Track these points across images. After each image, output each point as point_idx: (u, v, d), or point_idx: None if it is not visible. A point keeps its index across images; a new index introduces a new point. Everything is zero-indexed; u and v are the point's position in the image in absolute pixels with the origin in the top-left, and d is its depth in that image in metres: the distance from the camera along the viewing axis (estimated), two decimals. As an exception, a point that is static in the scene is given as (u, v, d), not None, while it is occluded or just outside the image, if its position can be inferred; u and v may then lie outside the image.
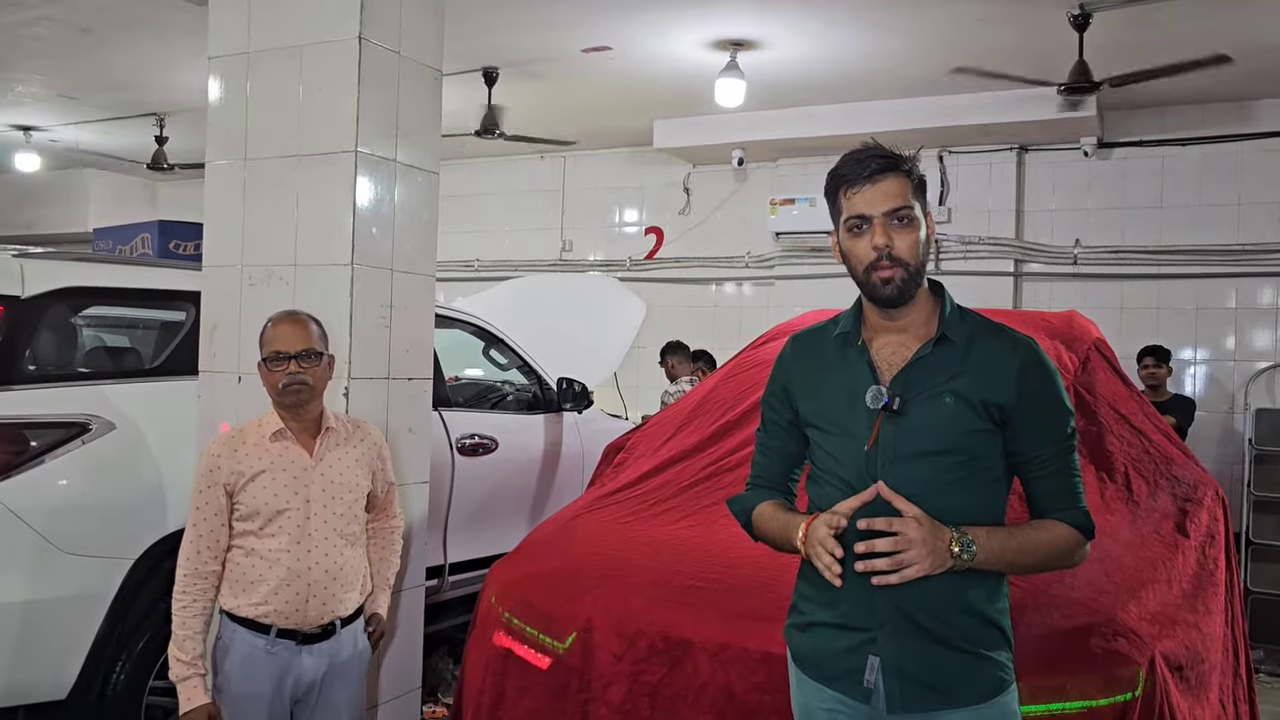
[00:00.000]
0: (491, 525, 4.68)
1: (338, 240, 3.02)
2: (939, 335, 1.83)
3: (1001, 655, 1.82)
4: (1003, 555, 1.76)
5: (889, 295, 1.81)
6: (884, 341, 1.88)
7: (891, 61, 6.31)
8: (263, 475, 2.51)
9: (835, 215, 1.90)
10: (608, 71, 6.67)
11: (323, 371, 2.58)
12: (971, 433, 1.78)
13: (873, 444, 1.80)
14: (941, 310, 1.86)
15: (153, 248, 4.89)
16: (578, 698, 2.54)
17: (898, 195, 1.81)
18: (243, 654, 2.49)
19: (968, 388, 1.79)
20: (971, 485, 1.79)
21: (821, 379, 1.92)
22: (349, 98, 2.99)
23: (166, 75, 7.09)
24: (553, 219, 9.28)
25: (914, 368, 1.82)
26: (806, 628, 1.91)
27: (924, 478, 1.77)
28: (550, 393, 5.09)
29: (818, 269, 7.99)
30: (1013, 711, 1.84)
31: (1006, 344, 1.83)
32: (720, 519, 3.01)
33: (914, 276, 1.81)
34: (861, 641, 1.80)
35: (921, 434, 1.79)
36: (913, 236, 1.81)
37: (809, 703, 1.91)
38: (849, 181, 1.84)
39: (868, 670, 1.80)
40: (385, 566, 2.77)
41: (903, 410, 1.79)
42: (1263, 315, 6.85)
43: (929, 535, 1.70)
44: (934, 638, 1.77)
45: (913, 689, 1.78)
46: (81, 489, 3.22)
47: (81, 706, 3.23)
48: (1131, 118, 7.03)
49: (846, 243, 1.86)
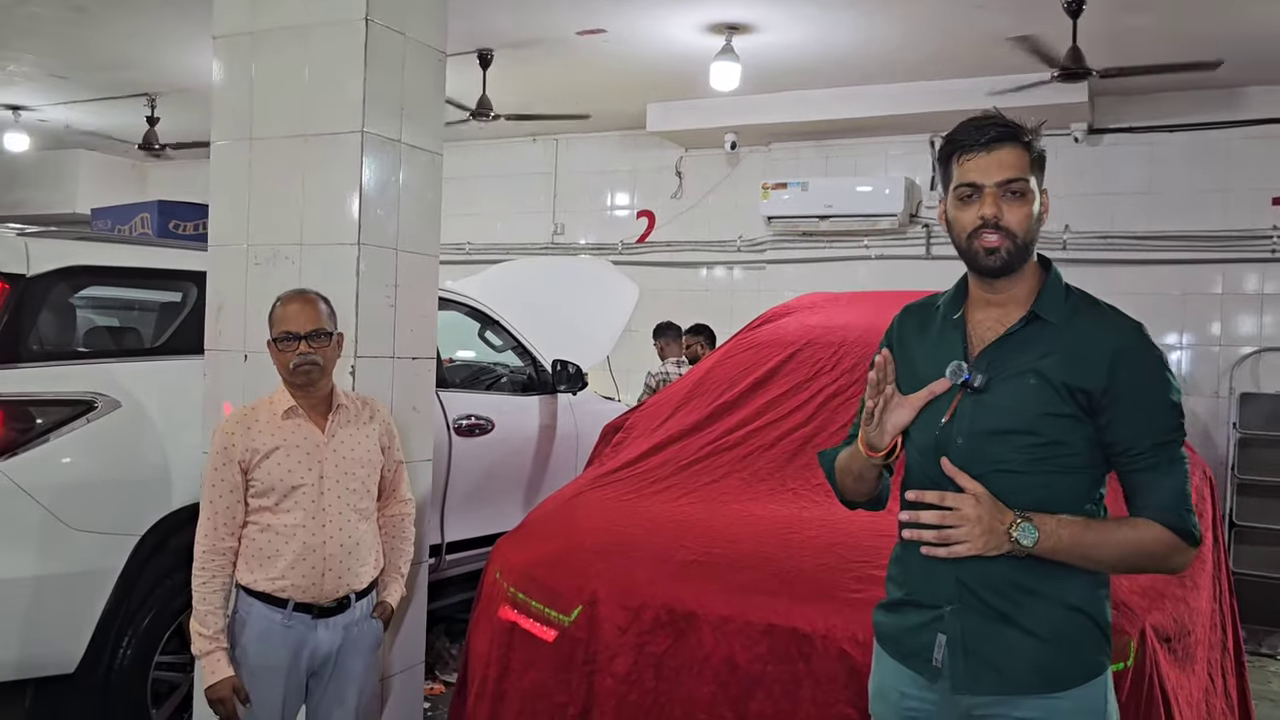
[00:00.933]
0: (488, 505, 4.73)
1: (344, 220, 3.05)
2: (1030, 313, 1.77)
3: (1084, 644, 1.75)
4: (1074, 548, 1.69)
5: (991, 265, 1.75)
6: (983, 316, 1.82)
7: (885, 47, 6.35)
8: (277, 452, 2.55)
9: (945, 182, 1.83)
10: (602, 54, 6.68)
11: (332, 350, 2.61)
12: (1051, 416, 1.72)
13: (949, 418, 1.77)
14: (1042, 288, 1.79)
15: (152, 228, 4.89)
16: (584, 669, 2.60)
17: (1013, 166, 1.74)
18: (260, 627, 2.53)
19: (1053, 369, 1.72)
20: (1049, 471, 1.72)
21: (919, 349, 1.88)
22: (356, 79, 3.02)
23: (158, 55, 7.06)
24: (544, 202, 9.30)
25: (1001, 345, 1.77)
26: (888, 606, 1.91)
27: (997, 457, 1.72)
28: (545, 374, 5.13)
29: (809, 253, 8.04)
30: (1093, 708, 1.75)
31: (1104, 328, 1.75)
32: (720, 496, 3.09)
33: (1021, 250, 1.75)
34: (931, 619, 1.79)
35: (998, 413, 1.74)
36: (1025, 210, 1.75)
37: (883, 683, 1.91)
38: (964, 148, 1.77)
39: (936, 648, 1.77)
40: (399, 556, 2.78)
41: (985, 387, 1.75)
42: (1248, 301, 6.94)
43: (986, 514, 1.66)
44: (999, 617, 1.73)
45: (977, 669, 1.75)
46: (88, 466, 3.25)
47: (89, 680, 3.27)
48: (1122, 104, 7.09)
49: (953, 210, 1.79)
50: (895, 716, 1.86)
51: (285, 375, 2.58)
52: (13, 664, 3.12)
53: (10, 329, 3.22)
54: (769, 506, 2.95)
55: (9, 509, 3.07)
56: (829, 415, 3.40)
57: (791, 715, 2.35)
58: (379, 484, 2.72)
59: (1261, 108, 6.86)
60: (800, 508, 2.92)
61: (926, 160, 7.72)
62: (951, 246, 1.83)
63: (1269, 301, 6.91)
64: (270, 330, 2.59)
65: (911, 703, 1.83)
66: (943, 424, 1.77)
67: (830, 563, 2.54)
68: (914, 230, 7.70)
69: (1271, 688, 5.19)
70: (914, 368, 1.85)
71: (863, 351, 3.64)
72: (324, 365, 2.58)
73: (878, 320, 3.87)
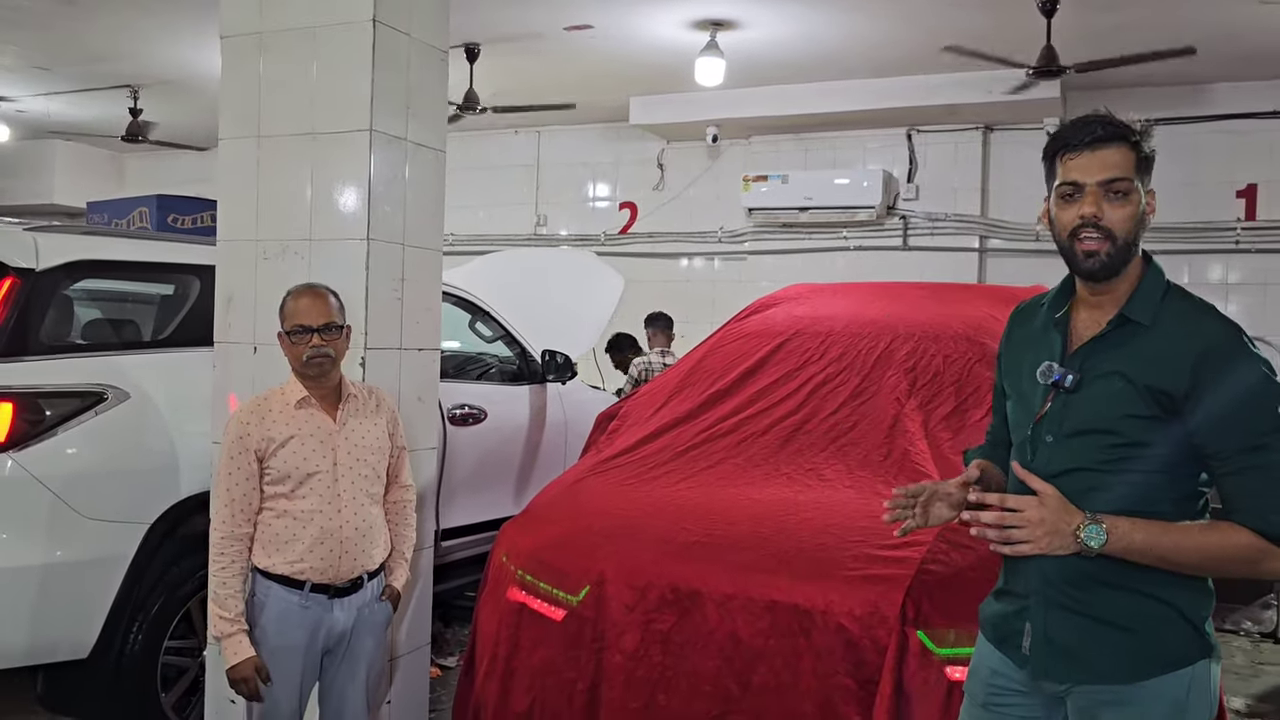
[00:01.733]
0: (481, 493, 4.82)
1: (353, 216, 3.13)
2: (1119, 316, 1.76)
3: (1167, 635, 1.75)
4: (1149, 550, 1.68)
5: (1091, 269, 1.75)
6: (1085, 315, 1.83)
7: (865, 43, 6.48)
8: (292, 441, 2.63)
9: (1049, 180, 1.81)
10: (588, 49, 6.77)
11: (343, 343, 2.71)
12: (1133, 418, 1.72)
13: (1040, 418, 1.81)
14: (1136, 288, 1.78)
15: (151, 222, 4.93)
16: (592, 646, 2.71)
17: (1117, 166, 1.73)
18: (278, 609, 2.62)
19: (1138, 371, 1.72)
20: (1131, 471, 1.73)
21: (1024, 348, 1.91)
22: (364, 78, 3.10)
23: (142, 48, 7.07)
24: (527, 194, 9.37)
25: (1094, 345, 1.79)
26: (994, 594, 1.98)
27: (1082, 455, 1.75)
28: (534, 364, 5.22)
29: (789, 244, 8.18)
30: (1173, 698, 1.74)
31: (1191, 330, 1.72)
32: (717, 481, 3.20)
33: (1121, 252, 1.73)
34: (1020, 608, 1.85)
35: (1085, 413, 1.76)
36: (1128, 210, 1.73)
37: (979, 663, 1.98)
38: (1069, 146, 1.76)
39: (1024, 635, 1.83)
40: (402, 541, 2.87)
41: (1075, 388, 1.76)
42: (1214, 290, 7.15)
43: (1051, 515, 1.68)
44: (1077, 608, 1.77)
45: (1057, 657, 1.79)
46: (98, 456, 3.31)
47: (101, 666, 3.34)
48: (1093, 99, 7.21)
49: (1055, 209, 1.78)
50: (982, 691, 1.95)
51: (298, 367, 2.67)
52: (26, 650, 3.19)
53: (20, 323, 3.27)
54: (765, 490, 3.07)
55: (22, 499, 3.14)
56: (818, 403, 3.52)
57: (793, 687, 2.47)
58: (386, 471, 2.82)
59: (1228, 103, 7.07)
60: (795, 491, 3.04)
61: (904, 153, 7.88)
62: (929, 238, 1.93)
63: (1234, 291, 7.14)
64: (282, 323, 2.67)
65: (1000, 680, 1.91)
66: (1034, 424, 1.82)
67: (828, 543, 2.67)
68: (891, 222, 7.86)
69: (1236, 661, 5.39)
70: (1018, 363, 1.91)
71: (849, 341, 3.77)
72: (335, 357, 2.68)
73: (863, 311, 4.03)
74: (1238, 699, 4.77)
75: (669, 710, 2.59)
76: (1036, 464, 1.83)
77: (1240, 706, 4.68)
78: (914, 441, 3.26)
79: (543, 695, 2.78)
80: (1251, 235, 7.04)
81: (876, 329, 3.80)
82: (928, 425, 3.34)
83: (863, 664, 2.43)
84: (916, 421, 3.37)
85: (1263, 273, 7.06)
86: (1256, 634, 5.85)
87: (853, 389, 3.55)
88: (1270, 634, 5.81)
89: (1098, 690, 1.79)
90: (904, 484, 3.00)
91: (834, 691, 2.44)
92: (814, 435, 3.38)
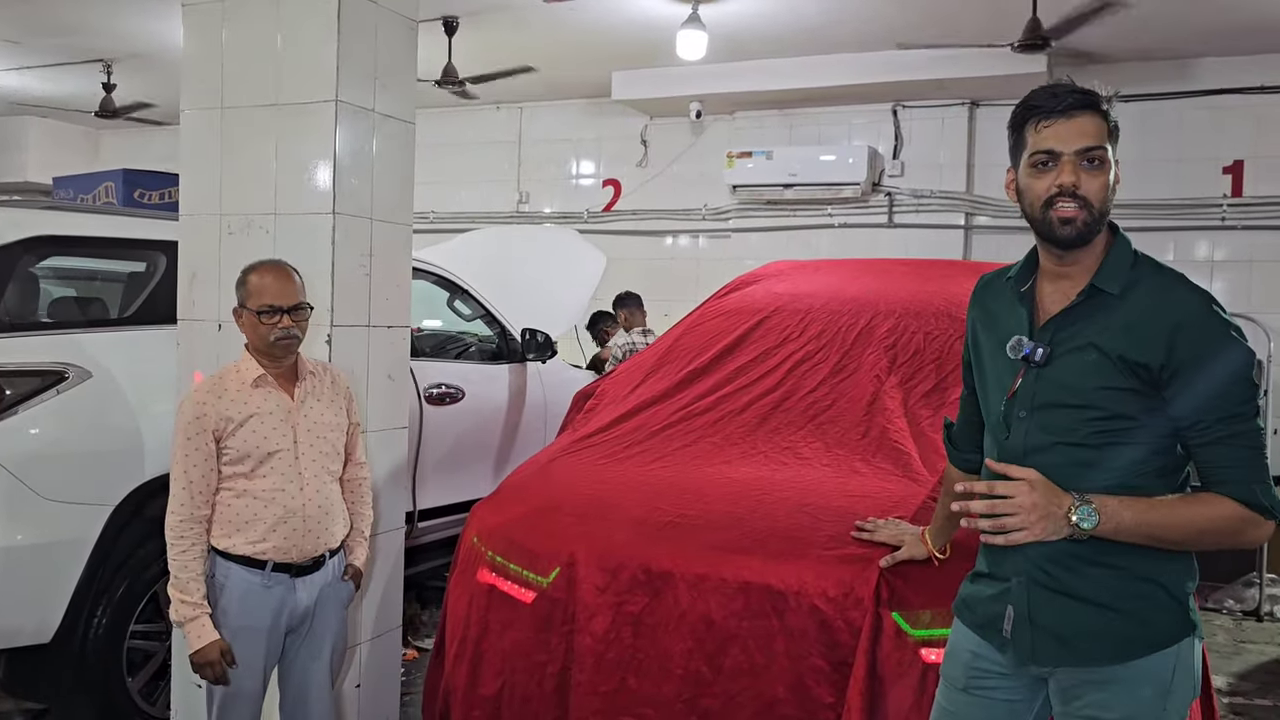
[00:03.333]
0: (459, 473, 4.77)
1: (319, 189, 3.05)
2: (1089, 286, 1.73)
3: (1153, 614, 1.72)
4: (1139, 528, 1.66)
5: (1067, 236, 1.70)
6: (1051, 288, 1.79)
7: (849, 15, 6.40)
8: (251, 420, 2.58)
9: (1018, 150, 1.77)
10: (568, 22, 6.67)
11: (307, 323, 2.66)
12: (1109, 390, 1.69)
13: (1013, 394, 1.77)
14: (1104, 258, 1.75)
15: (117, 197, 4.83)
16: (562, 628, 2.65)
17: (1093, 134, 1.70)
18: (240, 589, 2.57)
19: (1112, 343, 1.69)
20: (1112, 444, 1.70)
21: (991, 323, 1.88)
22: (329, 47, 3.01)
23: (116, 20, 6.93)
24: (509, 171, 9.27)
25: (1064, 318, 1.75)
26: (972, 577, 1.95)
27: (1060, 429, 1.72)
28: (514, 343, 5.16)
29: (773, 221, 8.10)
30: (1157, 679, 1.72)
31: (1164, 300, 1.69)
32: (693, 460, 3.15)
33: (1097, 221, 1.71)
34: (1001, 591, 1.81)
35: (1059, 387, 1.72)
36: (1102, 179, 1.71)
37: (957, 642, 1.94)
38: (1042, 113, 1.72)
39: (1005, 619, 1.79)
40: (361, 520, 2.85)
41: (1046, 361, 1.73)
42: (1199, 267, 7.11)
43: (1041, 500, 1.64)
44: (1062, 589, 1.73)
45: (1043, 640, 1.76)
46: (60, 437, 3.25)
47: (65, 651, 3.29)
48: (1079, 74, 7.04)
49: (1026, 179, 1.74)
50: (962, 675, 1.91)
51: (262, 346, 2.60)
52: (-12, 634, 3.14)
53: (-22, 299, 3.20)
54: (741, 469, 3.01)
55: (-18, 480, 3.07)
56: (797, 380, 3.46)
57: (766, 668, 2.42)
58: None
59: (1213, 78, 7.01)
60: (772, 470, 2.99)
61: (889, 129, 7.80)
62: (914, 215, 1.87)
63: (1219, 268, 7.11)
64: (244, 300, 2.59)
65: (981, 663, 1.87)
66: (1007, 400, 1.78)
67: (803, 522, 2.61)
68: (877, 199, 7.79)
69: (1218, 639, 5.40)
70: (984, 338, 1.89)
71: (829, 318, 3.71)
72: (301, 338, 2.63)
73: (843, 287, 3.97)
74: (1220, 677, 4.77)
75: (640, 693, 2.53)
76: (1013, 441, 1.79)
77: (1222, 685, 4.68)
78: (893, 419, 3.20)
79: (512, 679, 2.72)
80: (1238, 212, 6.99)
81: (857, 306, 3.74)
82: (907, 403, 3.29)
83: (836, 646, 2.38)
84: (896, 399, 3.32)
85: (1249, 249, 7.02)
86: (1239, 612, 5.85)
87: (832, 366, 3.49)
88: (1253, 612, 5.82)
89: (1082, 671, 1.76)
90: (882, 462, 3.01)
91: (807, 673, 2.39)
92: (792, 413, 3.32)
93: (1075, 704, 1.78)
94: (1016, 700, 1.87)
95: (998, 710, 1.87)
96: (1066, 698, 1.80)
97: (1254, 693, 4.59)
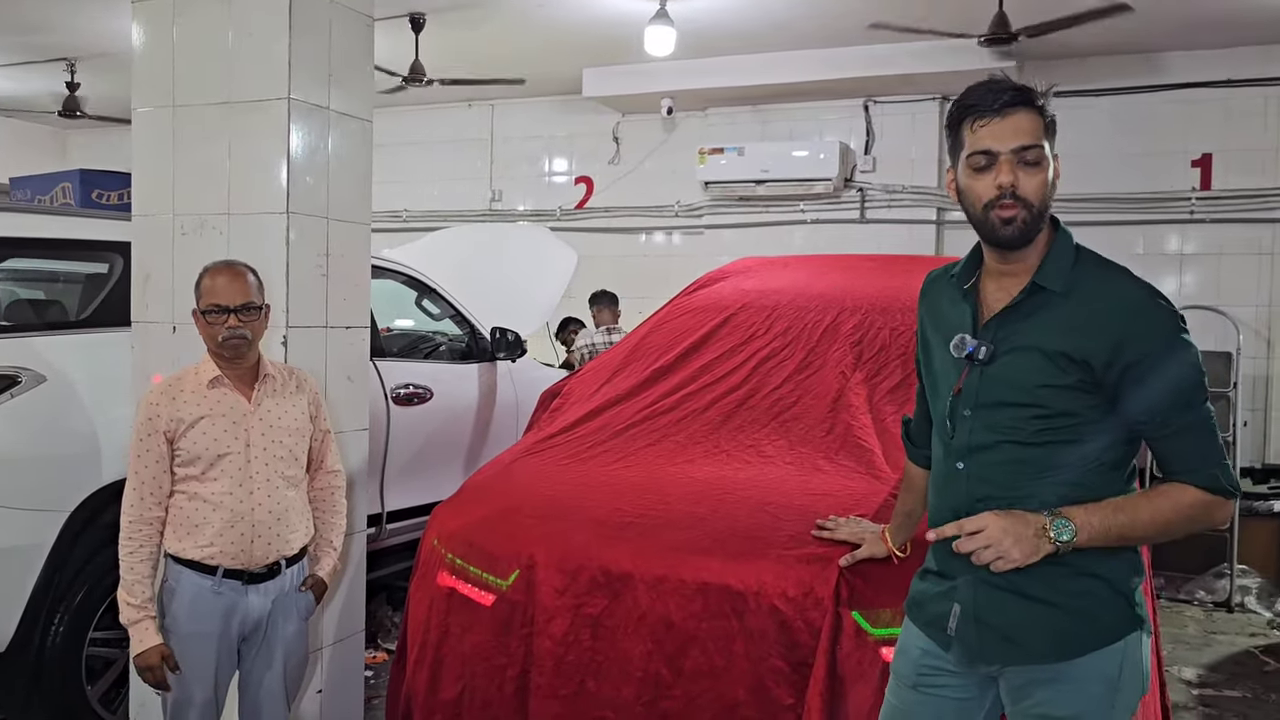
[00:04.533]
0: (428, 473, 4.72)
1: (272, 189, 3.01)
2: (1031, 284, 1.72)
3: (1100, 611, 1.73)
4: (1109, 531, 1.65)
5: (1009, 236, 1.70)
6: (995, 285, 1.79)
7: (817, 10, 6.38)
8: (203, 421, 2.54)
9: (955, 150, 1.76)
10: (538, 19, 6.62)
11: (261, 323, 2.61)
12: (1051, 388, 1.68)
13: (957, 392, 1.77)
14: (1046, 255, 1.74)
15: (74, 197, 4.76)
16: (521, 631, 2.63)
17: (1029, 132, 1.68)
18: (190, 595, 2.54)
19: (1054, 341, 1.68)
20: (1058, 441, 1.70)
21: (937, 321, 1.88)
22: (280, 43, 2.97)
23: (79, 19, 6.84)
24: (481, 168, 9.22)
25: (1006, 316, 1.74)
26: (921, 574, 1.93)
27: (1005, 427, 1.71)
28: (484, 342, 5.13)
29: (746, 217, 8.09)
30: (1104, 675, 1.72)
31: (1107, 297, 1.69)
32: (656, 459, 3.12)
33: (1037, 219, 1.70)
34: (948, 589, 1.81)
35: (1003, 385, 1.72)
36: (1040, 177, 1.69)
37: (907, 641, 1.94)
38: (977, 112, 1.70)
39: (951, 617, 1.80)
40: (330, 529, 2.80)
41: (990, 360, 1.73)
42: (1169, 260, 7.15)
43: (1010, 525, 1.64)
44: (1009, 587, 1.72)
45: (989, 638, 1.76)
46: (13, 441, 3.19)
47: (21, 658, 3.24)
48: (1049, 69, 7.20)
49: (966, 179, 1.74)
50: (912, 672, 1.90)
51: (213, 347, 2.57)
52: (-60, 643, 3.09)
53: (-73, 303, 3.14)
54: (704, 468, 2.99)
55: (-68, 486, 3.01)
56: (762, 378, 3.44)
57: (726, 670, 2.40)
58: (307, 454, 2.73)
59: (1182, 72, 7.04)
60: (734, 469, 2.97)
61: (861, 125, 7.80)
62: (886, 210, 1.86)
63: (1188, 261, 7.14)
64: (197, 301, 2.56)
65: (931, 660, 1.86)
66: (952, 397, 1.78)
67: (763, 521, 2.59)
68: (849, 194, 7.78)
69: (1188, 631, 5.43)
70: (930, 337, 1.90)
71: (795, 315, 3.69)
72: (252, 338, 2.58)
73: (811, 284, 3.95)
74: (1190, 668, 4.79)
75: (599, 696, 2.51)
76: (958, 439, 1.79)
77: (1192, 676, 4.70)
78: (857, 415, 3.19)
79: (472, 683, 2.69)
80: (1206, 205, 7.03)
81: (823, 302, 3.72)
82: (872, 399, 3.28)
83: (796, 646, 2.36)
84: (861, 395, 3.30)
85: (1218, 243, 7.05)
86: (1210, 603, 5.89)
87: (797, 363, 3.47)
88: (1223, 603, 5.86)
89: (1030, 670, 1.76)
90: (845, 459, 2.99)
91: (767, 674, 2.37)
92: (757, 411, 3.30)
93: (1025, 703, 1.78)
94: (966, 699, 1.86)
95: (947, 708, 1.86)
96: (1016, 697, 1.79)
97: (1224, 684, 4.61)
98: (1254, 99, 6.91)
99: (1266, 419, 6.92)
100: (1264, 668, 4.88)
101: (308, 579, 2.72)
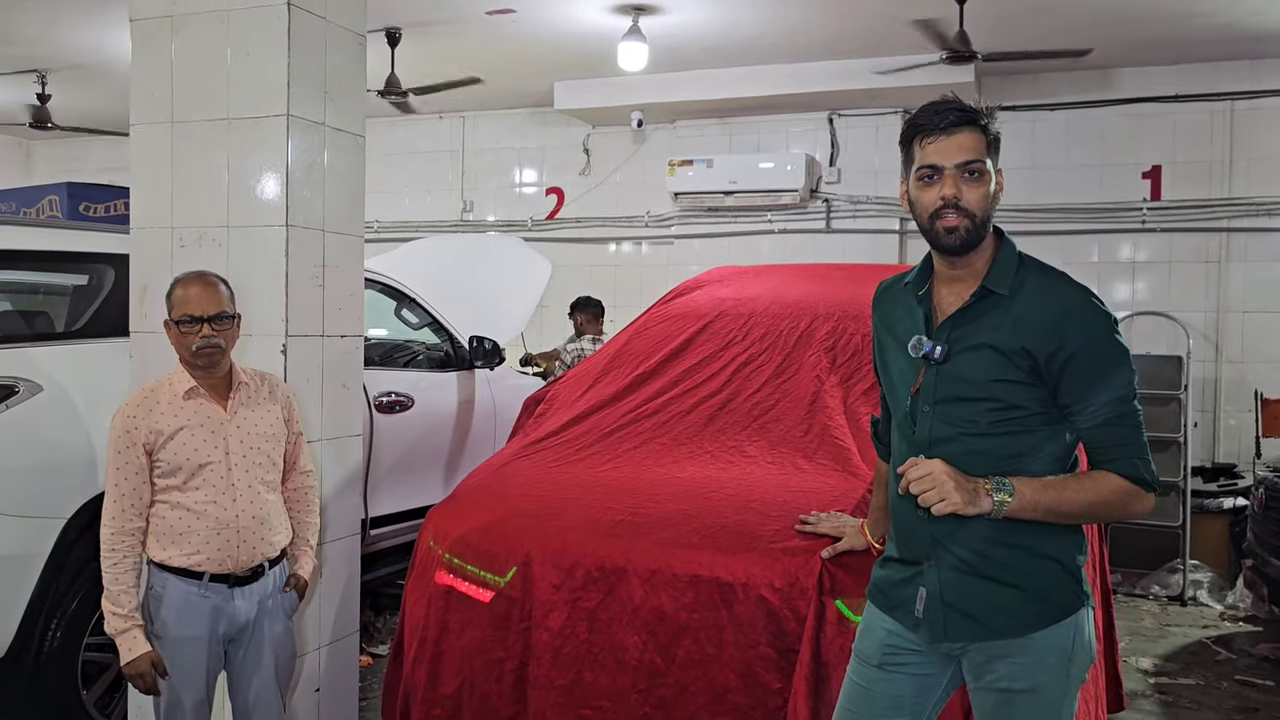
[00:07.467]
0: (410, 480, 4.81)
1: (271, 202, 3.10)
2: (981, 288, 1.88)
3: (1055, 589, 1.88)
4: (1038, 504, 1.80)
5: (952, 244, 1.86)
6: (946, 290, 1.94)
7: (785, 27, 6.56)
8: (181, 432, 2.58)
9: (907, 164, 1.92)
10: (510, 34, 6.74)
11: (233, 332, 2.66)
12: (1003, 382, 1.84)
13: (916, 390, 1.92)
14: (992, 262, 1.90)
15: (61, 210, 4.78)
16: (519, 626, 2.74)
17: (972, 149, 1.85)
18: (178, 601, 2.59)
19: (1004, 339, 1.84)
20: (1011, 431, 1.85)
21: (891, 325, 2.03)
22: (279, 63, 3.06)
23: (52, 31, 6.84)
24: (453, 180, 9.30)
25: (959, 318, 1.90)
26: (883, 562, 2.08)
27: (961, 421, 1.87)
28: (462, 350, 5.22)
29: (714, 228, 8.25)
30: (1059, 647, 1.87)
31: (1049, 297, 1.85)
32: (642, 461, 3.25)
33: (979, 228, 1.86)
34: (914, 574, 1.95)
35: (959, 382, 1.87)
36: (982, 190, 1.86)
37: (872, 622, 2.06)
38: (925, 131, 1.87)
39: (917, 600, 1.94)
40: (305, 529, 2.86)
41: (945, 359, 1.88)
42: (1122, 268, 7.41)
43: (956, 473, 1.79)
44: (972, 570, 1.88)
45: (954, 618, 1.90)
46: (10, 451, 3.24)
47: (19, 665, 3.29)
48: (1006, 83, 7.46)
49: (915, 191, 1.90)
50: (877, 652, 2.03)
51: (186, 357, 2.61)
52: (-61, 650, 3.13)
53: (-75, 315, 3.19)
54: (689, 468, 3.12)
55: (-68, 495, 3.06)
56: (741, 382, 3.59)
57: (717, 658, 2.54)
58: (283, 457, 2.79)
59: (1133, 87, 7.31)
60: (718, 469, 3.10)
61: (826, 137, 8.00)
62: (851, 220, 2.01)
63: (1140, 269, 7.40)
64: (169, 312, 2.61)
65: (896, 640, 2.00)
66: (911, 396, 1.94)
67: (749, 518, 2.73)
68: (815, 205, 7.97)
69: (1145, 624, 5.64)
70: (888, 341, 2.05)
71: (771, 322, 3.84)
72: (225, 348, 2.62)
73: (785, 292, 4.10)
74: (1146, 659, 4.99)
75: (596, 685, 2.63)
76: (919, 433, 1.94)
77: (1148, 666, 4.90)
78: (833, 417, 3.34)
79: (471, 676, 2.80)
80: (1157, 215, 7.29)
81: (798, 309, 3.87)
82: (847, 400, 3.43)
83: (783, 634, 2.50)
84: (837, 397, 3.45)
85: (1168, 250, 7.32)
86: (1164, 597, 6.12)
87: (775, 368, 3.62)
88: (1177, 597, 6.08)
89: (992, 646, 1.91)
90: (823, 458, 3.14)
91: (756, 661, 2.51)
92: (737, 414, 3.44)
93: (987, 677, 1.93)
94: (927, 674, 2.01)
95: (908, 684, 2.01)
96: (979, 672, 1.94)
97: (1178, 672, 4.82)
98: (1201, 113, 7.19)
99: (1215, 420, 7.18)
100: (1215, 657, 5.09)
101: (290, 579, 2.79)
